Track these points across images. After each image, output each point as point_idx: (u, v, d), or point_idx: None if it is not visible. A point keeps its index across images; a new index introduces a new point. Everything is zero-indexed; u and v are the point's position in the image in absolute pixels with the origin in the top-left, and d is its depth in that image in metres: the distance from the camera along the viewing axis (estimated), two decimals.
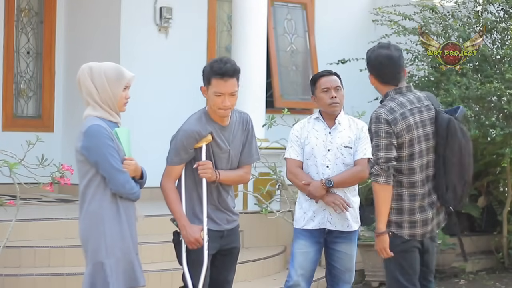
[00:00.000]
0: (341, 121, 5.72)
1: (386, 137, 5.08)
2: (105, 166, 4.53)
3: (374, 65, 5.27)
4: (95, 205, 4.58)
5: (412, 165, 5.14)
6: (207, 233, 5.02)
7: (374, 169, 5.09)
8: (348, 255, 5.70)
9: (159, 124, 9.77)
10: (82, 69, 4.66)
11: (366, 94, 10.36)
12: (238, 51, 9.10)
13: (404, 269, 5.21)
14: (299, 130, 5.76)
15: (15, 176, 6.48)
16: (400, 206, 5.17)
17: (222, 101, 4.99)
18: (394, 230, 5.19)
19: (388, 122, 5.08)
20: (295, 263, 5.65)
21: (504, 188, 10.14)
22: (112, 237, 4.55)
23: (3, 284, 6.73)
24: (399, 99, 5.19)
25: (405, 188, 5.16)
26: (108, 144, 4.54)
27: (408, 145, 5.12)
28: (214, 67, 5.00)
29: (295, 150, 5.72)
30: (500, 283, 9.07)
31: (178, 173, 5.10)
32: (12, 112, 10.49)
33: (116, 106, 4.66)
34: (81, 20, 10.61)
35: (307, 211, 5.69)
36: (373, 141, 5.14)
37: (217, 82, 4.99)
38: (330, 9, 11.88)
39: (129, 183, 4.60)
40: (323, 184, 5.56)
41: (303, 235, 5.67)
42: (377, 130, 5.10)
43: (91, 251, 4.57)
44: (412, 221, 5.18)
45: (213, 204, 5.13)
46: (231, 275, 5.29)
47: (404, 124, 5.11)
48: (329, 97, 5.67)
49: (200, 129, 5.04)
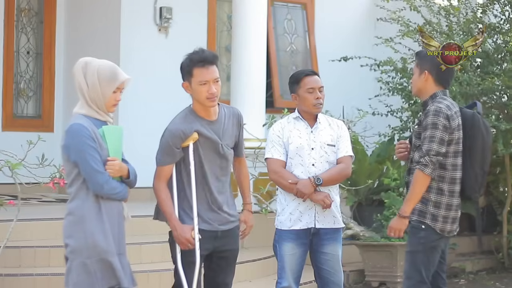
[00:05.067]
0: (321, 120, 5.73)
1: (442, 131, 5.25)
2: (84, 166, 4.50)
3: (437, 64, 5.41)
4: (77, 204, 4.56)
5: (456, 161, 5.34)
6: (198, 233, 5.01)
7: (424, 159, 5.23)
8: (335, 256, 5.66)
9: (159, 123, 9.74)
10: (79, 63, 4.64)
11: (367, 93, 10.37)
12: (238, 51, 9.10)
13: (429, 264, 5.35)
14: (280, 130, 5.71)
15: (16, 176, 6.48)
16: (439, 200, 5.33)
17: (208, 89, 5.00)
18: (429, 222, 5.32)
19: (447, 117, 5.26)
20: (286, 266, 5.60)
21: (504, 188, 10.14)
22: (93, 236, 4.51)
23: (3, 284, 6.73)
24: (448, 100, 5.41)
25: (446, 183, 5.33)
26: (88, 144, 4.49)
27: (456, 142, 5.32)
28: (194, 57, 5.04)
29: (278, 150, 5.67)
30: (500, 283, 9.07)
31: (168, 174, 5.08)
32: (12, 112, 10.50)
33: (104, 106, 4.60)
34: (81, 20, 10.62)
35: (293, 211, 5.62)
36: (428, 131, 5.25)
37: (200, 70, 5.01)
38: (330, 9, 11.88)
39: (108, 183, 4.54)
40: (312, 182, 5.55)
41: (289, 237, 5.61)
42: (435, 123, 5.25)
43: (73, 250, 4.54)
44: (445, 216, 5.34)
45: (204, 204, 5.10)
46: (229, 278, 5.26)
47: (457, 122, 5.33)
48: (314, 97, 5.66)
49: (184, 127, 5.04)
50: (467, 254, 9.84)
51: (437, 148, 5.23)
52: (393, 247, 8.40)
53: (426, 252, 5.33)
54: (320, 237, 5.63)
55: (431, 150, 5.22)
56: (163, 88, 10.31)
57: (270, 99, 10.89)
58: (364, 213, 9.39)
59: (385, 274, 8.50)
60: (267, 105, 9.57)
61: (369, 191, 9.50)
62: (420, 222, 5.33)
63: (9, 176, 6.51)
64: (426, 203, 5.33)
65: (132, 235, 5.10)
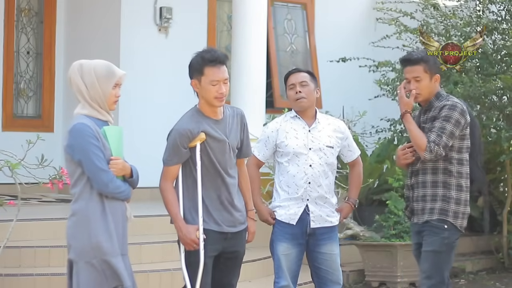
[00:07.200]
0: (320, 120, 5.69)
1: (454, 125, 5.29)
2: (88, 165, 4.50)
3: (439, 63, 5.58)
4: (81, 204, 4.55)
5: (467, 156, 5.41)
6: (203, 233, 5.00)
7: (432, 147, 5.26)
8: (333, 255, 5.65)
9: (159, 123, 9.76)
10: (73, 66, 4.64)
11: (367, 93, 10.37)
12: (238, 51, 9.11)
13: (449, 264, 5.41)
14: (274, 131, 5.67)
15: (16, 176, 6.48)
16: (459, 197, 5.37)
17: (218, 89, 5.00)
18: (451, 220, 5.34)
19: (463, 112, 5.32)
20: (282, 265, 5.60)
21: (504, 188, 10.15)
22: (97, 237, 4.51)
23: (3, 284, 6.72)
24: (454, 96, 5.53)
25: (464, 178, 5.39)
26: (92, 143, 4.49)
27: (467, 137, 5.39)
28: (206, 56, 5.01)
29: (261, 149, 5.68)
30: (500, 283, 9.07)
31: (175, 174, 5.08)
32: (12, 112, 10.50)
33: (105, 104, 4.61)
34: (81, 20, 10.62)
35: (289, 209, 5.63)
36: (439, 122, 5.30)
37: (211, 70, 5.00)
38: (330, 9, 11.88)
39: (113, 182, 4.55)
40: (353, 206, 5.78)
41: (285, 237, 5.60)
42: (450, 115, 5.29)
43: (77, 251, 4.53)
44: (464, 212, 5.40)
45: (217, 204, 5.10)
46: (235, 279, 5.26)
47: (468, 118, 5.39)
48: (294, 92, 5.63)
49: (192, 127, 5.03)
50: (467, 254, 9.83)
51: (446, 140, 5.27)
52: (393, 247, 8.40)
53: (448, 251, 5.34)
54: (316, 237, 5.62)
55: (440, 142, 5.26)
56: (163, 88, 10.32)
57: (270, 99, 10.89)
58: (364, 213, 9.38)
59: (385, 274, 8.49)
60: (267, 105, 9.57)
61: (369, 191, 9.50)
62: (442, 221, 5.33)
63: (9, 176, 6.50)
64: (448, 201, 5.34)
65: (132, 235, 5.09)
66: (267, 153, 5.70)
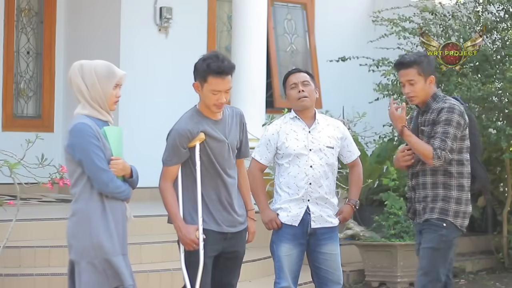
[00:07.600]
0: (320, 121, 5.69)
1: (456, 127, 5.31)
2: (89, 165, 4.50)
3: (436, 65, 5.58)
4: (82, 204, 4.55)
5: (467, 156, 5.43)
6: (202, 233, 5.00)
7: (439, 153, 5.27)
8: (333, 255, 5.65)
9: (159, 123, 9.76)
10: (73, 67, 4.64)
11: (367, 93, 10.36)
12: (238, 51, 9.10)
13: (446, 262, 5.39)
14: (275, 133, 5.66)
15: (15, 176, 6.48)
16: (460, 196, 5.39)
17: (219, 98, 5.00)
18: (451, 219, 5.36)
19: (461, 113, 5.34)
20: (283, 266, 5.59)
21: (504, 188, 10.14)
22: (98, 237, 4.52)
23: (3, 284, 6.72)
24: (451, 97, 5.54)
25: (465, 178, 5.41)
26: (92, 143, 4.50)
27: (467, 137, 5.41)
28: (212, 65, 4.97)
29: (262, 152, 5.67)
30: (500, 283, 9.07)
31: (174, 174, 5.08)
32: (12, 112, 10.49)
33: (106, 104, 4.61)
34: (81, 20, 10.62)
35: (291, 210, 5.64)
36: (441, 127, 5.30)
37: (215, 80, 4.98)
38: (330, 9, 11.88)
39: (113, 182, 4.55)
40: (353, 207, 5.76)
41: (286, 238, 5.60)
42: (450, 119, 5.31)
43: (78, 251, 4.54)
44: (464, 211, 5.42)
45: (217, 204, 5.10)
46: (235, 279, 5.27)
47: (467, 118, 5.41)
48: (296, 91, 5.62)
49: (191, 127, 5.03)
50: (467, 254, 9.83)
51: (451, 144, 5.29)
52: (393, 247, 8.40)
53: (446, 249, 5.36)
54: (317, 237, 5.62)
55: (446, 147, 5.27)
56: (163, 88, 10.32)
57: (270, 99, 10.89)
58: (364, 213, 9.38)
59: (385, 274, 8.49)
60: (267, 105, 9.57)
61: (369, 191, 9.50)
62: (441, 220, 5.35)
63: (8, 176, 6.50)
64: (448, 201, 5.37)
65: (132, 235, 5.09)
66: (269, 156, 5.69)
